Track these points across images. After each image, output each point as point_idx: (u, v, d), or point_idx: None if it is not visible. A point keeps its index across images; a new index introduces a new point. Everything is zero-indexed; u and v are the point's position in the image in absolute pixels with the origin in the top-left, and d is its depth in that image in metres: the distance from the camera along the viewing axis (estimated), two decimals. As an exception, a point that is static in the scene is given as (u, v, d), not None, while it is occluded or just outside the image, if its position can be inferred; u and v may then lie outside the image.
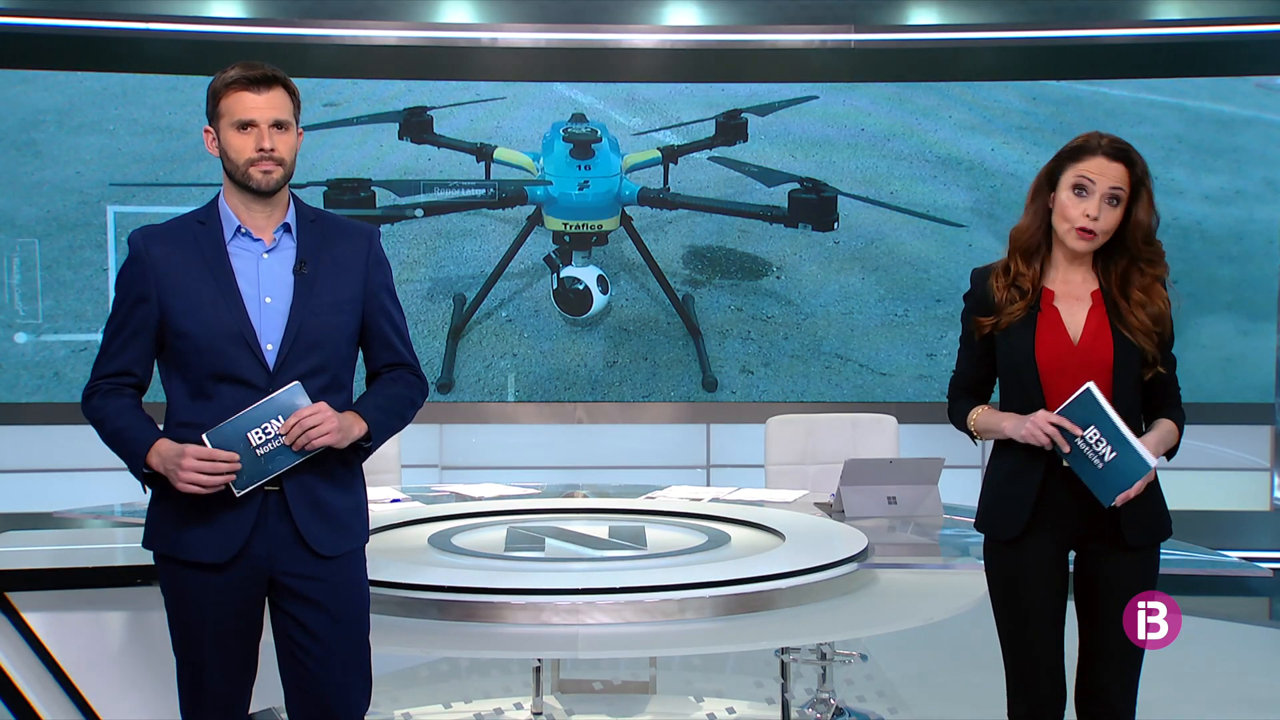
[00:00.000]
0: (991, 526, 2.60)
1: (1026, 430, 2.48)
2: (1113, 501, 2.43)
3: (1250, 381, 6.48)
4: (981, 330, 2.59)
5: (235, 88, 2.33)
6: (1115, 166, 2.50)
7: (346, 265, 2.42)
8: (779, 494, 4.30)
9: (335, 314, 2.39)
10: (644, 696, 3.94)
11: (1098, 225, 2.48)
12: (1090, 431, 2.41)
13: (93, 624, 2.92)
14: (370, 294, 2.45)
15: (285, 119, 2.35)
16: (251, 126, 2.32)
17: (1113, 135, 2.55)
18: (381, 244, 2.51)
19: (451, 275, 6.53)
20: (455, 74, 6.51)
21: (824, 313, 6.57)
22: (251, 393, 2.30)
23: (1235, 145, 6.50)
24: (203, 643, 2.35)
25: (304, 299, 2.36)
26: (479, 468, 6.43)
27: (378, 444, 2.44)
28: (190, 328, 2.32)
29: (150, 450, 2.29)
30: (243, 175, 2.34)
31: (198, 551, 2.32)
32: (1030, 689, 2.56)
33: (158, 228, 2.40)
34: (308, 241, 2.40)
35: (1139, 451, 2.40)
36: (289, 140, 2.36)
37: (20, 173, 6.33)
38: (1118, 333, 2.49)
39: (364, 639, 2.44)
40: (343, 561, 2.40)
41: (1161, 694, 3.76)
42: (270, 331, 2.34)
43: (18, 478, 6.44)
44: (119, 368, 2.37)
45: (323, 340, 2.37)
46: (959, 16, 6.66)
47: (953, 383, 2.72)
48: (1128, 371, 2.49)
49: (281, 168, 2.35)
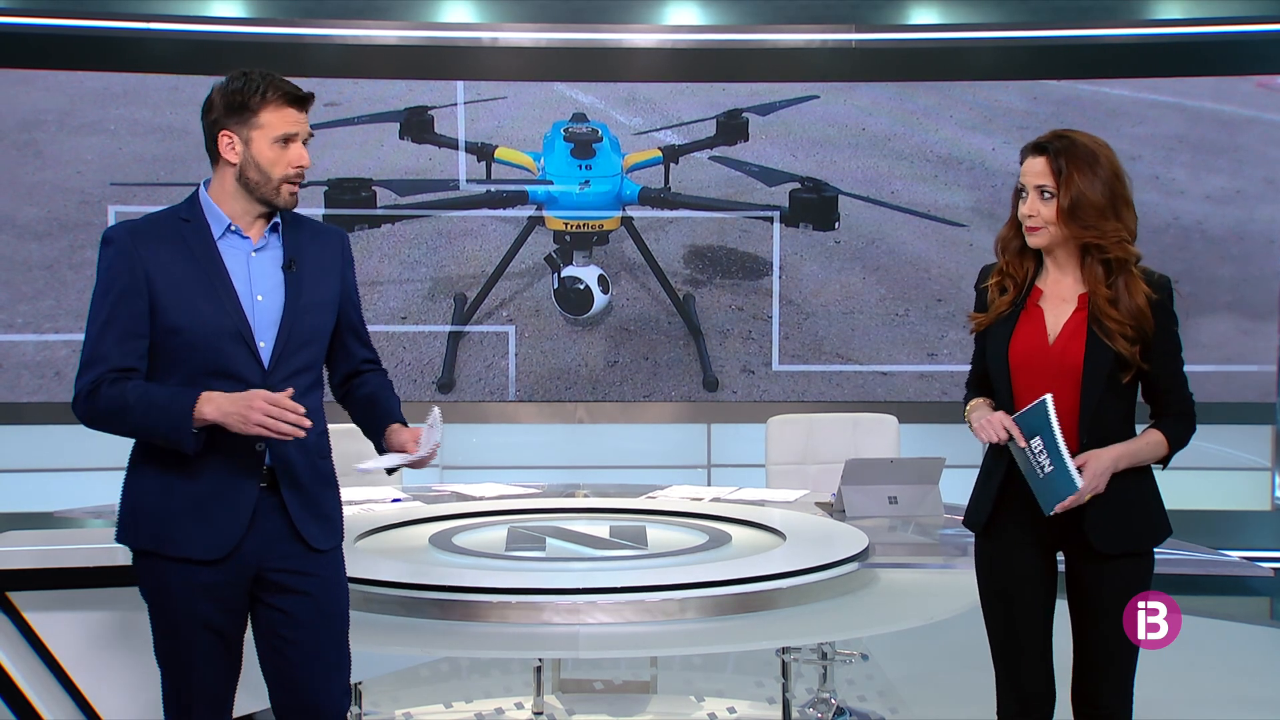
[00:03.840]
0: (969, 517, 2.65)
1: (978, 425, 2.53)
2: (1049, 512, 2.45)
3: (1250, 381, 6.47)
4: (977, 327, 2.64)
5: (280, 102, 2.33)
6: (1035, 161, 2.51)
7: (326, 265, 2.45)
8: (780, 494, 4.31)
9: (320, 313, 2.43)
10: (645, 696, 3.95)
11: (1034, 220, 2.50)
12: (1035, 441, 2.44)
13: (93, 624, 2.91)
14: (345, 294, 2.49)
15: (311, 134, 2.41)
16: (292, 142, 2.34)
17: (1056, 129, 2.54)
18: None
19: (451, 275, 6.53)
20: (455, 74, 6.51)
21: (824, 313, 6.57)
22: (245, 390, 2.28)
23: (1236, 145, 6.50)
24: (192, 642, 2.33)
25: (294, 298, 2.37)
26: (480, 467, 6.43)
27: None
28: (184, 323, 2.30)
29: (200, 401, 2.23)
30: (271, 190, 2.34)
31: (188, 547, 2.30)
32: (1017, 685, 2.57)
33: (138, 223, 2.36)
34: (292, 241, 2.42)
35: (1070, 472, 2.41)
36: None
37: (20, 173, 6.32)
38: (1093, 337, 2.48)
39: (344, 634, 2.45)
40: (330, 556, 2.43)
41: (1161, 694, 3.76)
42: (264, 329, 2.34)
43: (18, 478, 6.43)
44: (120, 364, 2.29)
45: (310, 338, 2.41)
46: (959, 16, 6.66)
47: (968, 377, 2.75)
48: (1097, 376, 2.47)
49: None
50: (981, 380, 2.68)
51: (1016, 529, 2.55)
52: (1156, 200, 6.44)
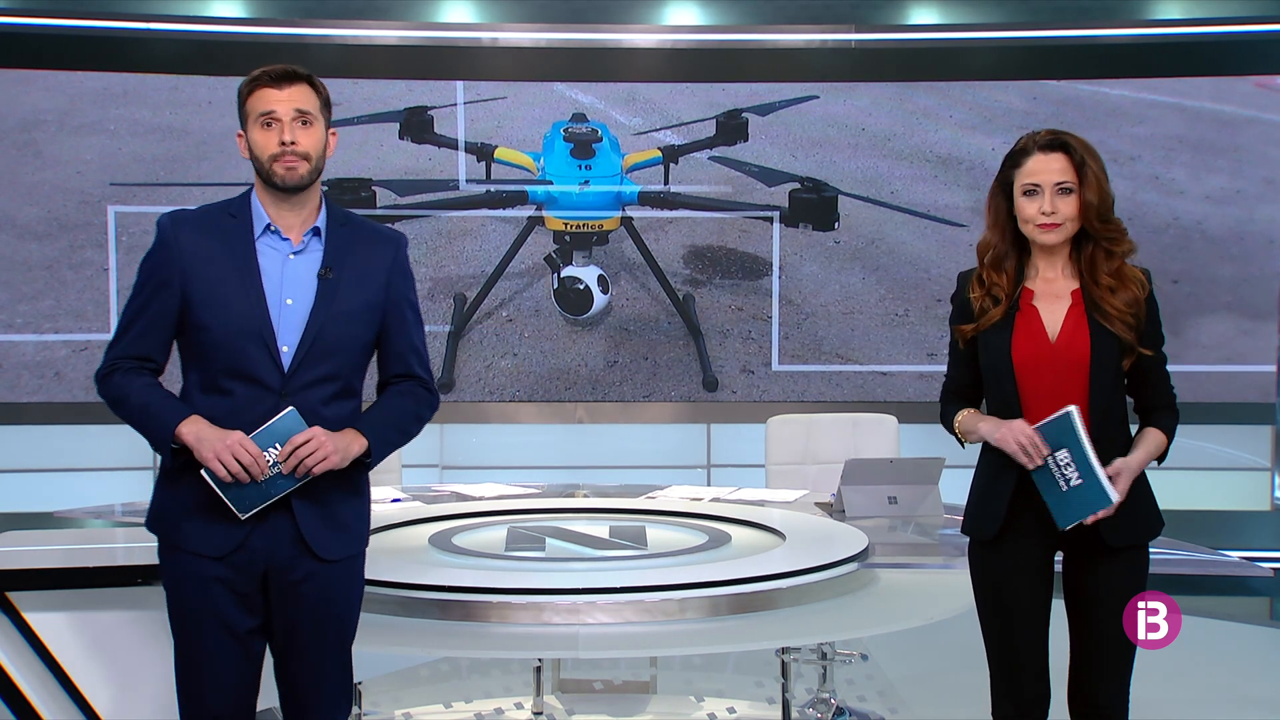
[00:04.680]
0: (973, 527, 2.61)
1: (1000, 435, 2.49)
2: (1067, 526, 2.44)
3: (1250, 381, 6.47)
4: (963, 338, 2.63)
5: (259, 84, 2.34)
6: (1054, 158, 2.49)
7: (370, 273, 2.40)
8: (779, 494, 4.30)
9: (353, 323, 2.37)
10: (644, 696, 3.94)
11: (1055, 218, 2.49)
12: (1061, 454, 2.42)
13: (93, 624, 2.91)
14: (391, 304, 2.43)
15: (309, 111, 2.35)
16: (274, 121, 2.32)
17: (1049, 128, 2.54)
18: (408, 253, 2.49)
19: (451, 275, 6.53)
20: (455, 74, 6.51)
21: (824, 313, 6.57)
22: (264, 393, 2.30)
23: (1235, 145, 6.50)
24: (204, 636, 2.33)
25: (325, 304, 2.34)
26: (479, 467, 6.43)
27: (379, 459, 2.42)
28: (210, 321, 2.31)
29: (185, 421, 2.26)
30: (267, 172, 2.33)
31: (196, 543, 2.32)
32: (1015, 690, 2.56)
33: (188, 213, 2.39)
34: (335, 246, 2.38)
35: (1104, 486, 2.40)
36: (313, 135, 2.35)
37: (20, 173, 6.32)
38: (1096, 328, 2.49)
39: (346, 645, 2.44)
40: (340, 566, 2.39)
41: (1161, 694, 3.76)
42: (288, 333, 2.32)
43: (18, 478, 6.44)
44: (139, 352, 2.34)
45: (338, 347, 2.36)
46: (959, 16, 6.66)
47: (943, 387, 2.74)
48: (1105, 368, 2.48)
49: (307, 163, 2.33)
50: (963, 390, 2.67)
51: (1026, 537, 2.53)
52: (1156, 200, 6.44)
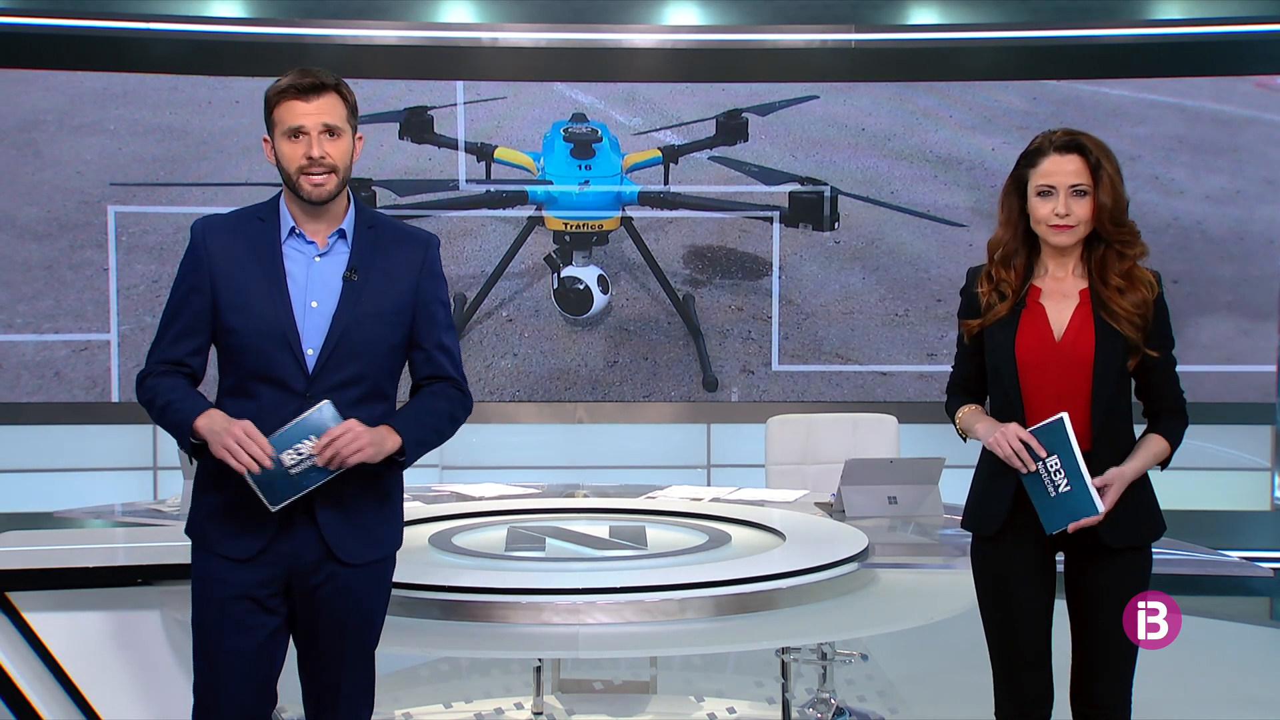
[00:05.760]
0: (974, 523, 2.62)
1: (994, 438, 2.50)
2: (1053, 531, 2.46)
3: (1250, 381, 6.47)
4: (970, 332, 2.63)
5: (285, 96, 2.32)
6: (1070, 159, 2.48)
7: (397, 275, 2.39)
8: (779, 494, 4.30)
9: (379, 324, 2.36)
10: (644, 696, 3.94)
11: (1069, 219, 2.49)
12: (1052, 460, 2.43)
13: (93, 624, 2.92)
14: (420, 305, 2.42)
15: (336, 124, 2.32)
16: (301, 134, 2.31)
17: (1065, 128, 2.53)
18: (439, 254, 2.47)
19: (451, 275, 6.52)
20: (455, 74, 6.51)
21: (824, 313, 6.57)
22: (289, 396, 2.29)
23: (1235, 145, 6.50)
24: (222, 633, 2.33)
25: (349, 306, 2.33)
26: (479, 467, 6.43)
27: (413, 458, 2.39)
28: (237, 324, 2.31)
29: (201, 415, 2.27)
30: (295, 184, 2.33)
31: (221, 546, 2.33)
32: (1018, 690, 2.56)
33: (220, 218, 2.40)
34: (362, 248, 2.38)
35: (1091, 495, 2.42)
36: (341, 146, 2.33)
37: (20, 173, 6.33)
38: (1102, 328, 2.49)
39: (369, 648, 2.43)
40: (366, 570, 2.38)
41: (1161, 694, 3.75)
42: (312, 336, 2.32)
43: (18, 478, 6.44)
44: (174, 356, 2.36)
45: (364, 349, 2.35)
46: (959, 16, 6.66)
47: (950, 379, 2.74)
48: (1109, 368, 2.48)
49: (334, 175, 2.32)
50: (968, 384, 2.68)
51: (1028, 534, 2.53)
52: (1156, 200, 6.44)
